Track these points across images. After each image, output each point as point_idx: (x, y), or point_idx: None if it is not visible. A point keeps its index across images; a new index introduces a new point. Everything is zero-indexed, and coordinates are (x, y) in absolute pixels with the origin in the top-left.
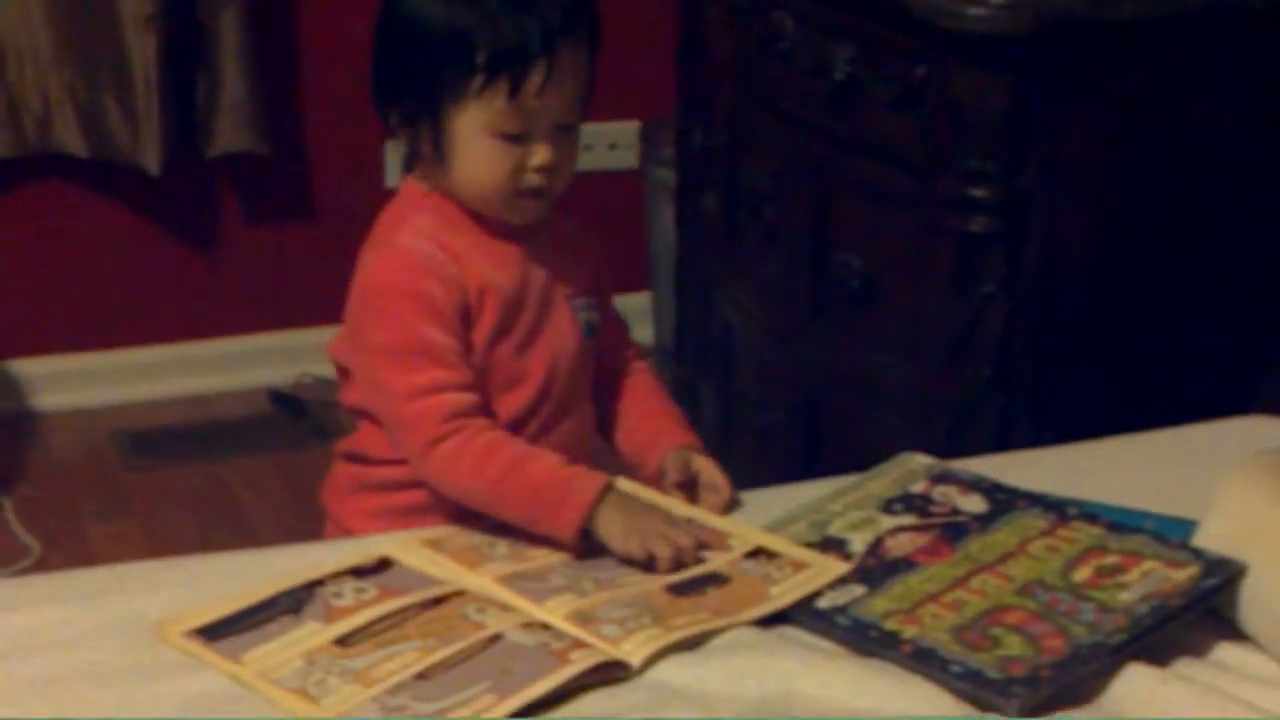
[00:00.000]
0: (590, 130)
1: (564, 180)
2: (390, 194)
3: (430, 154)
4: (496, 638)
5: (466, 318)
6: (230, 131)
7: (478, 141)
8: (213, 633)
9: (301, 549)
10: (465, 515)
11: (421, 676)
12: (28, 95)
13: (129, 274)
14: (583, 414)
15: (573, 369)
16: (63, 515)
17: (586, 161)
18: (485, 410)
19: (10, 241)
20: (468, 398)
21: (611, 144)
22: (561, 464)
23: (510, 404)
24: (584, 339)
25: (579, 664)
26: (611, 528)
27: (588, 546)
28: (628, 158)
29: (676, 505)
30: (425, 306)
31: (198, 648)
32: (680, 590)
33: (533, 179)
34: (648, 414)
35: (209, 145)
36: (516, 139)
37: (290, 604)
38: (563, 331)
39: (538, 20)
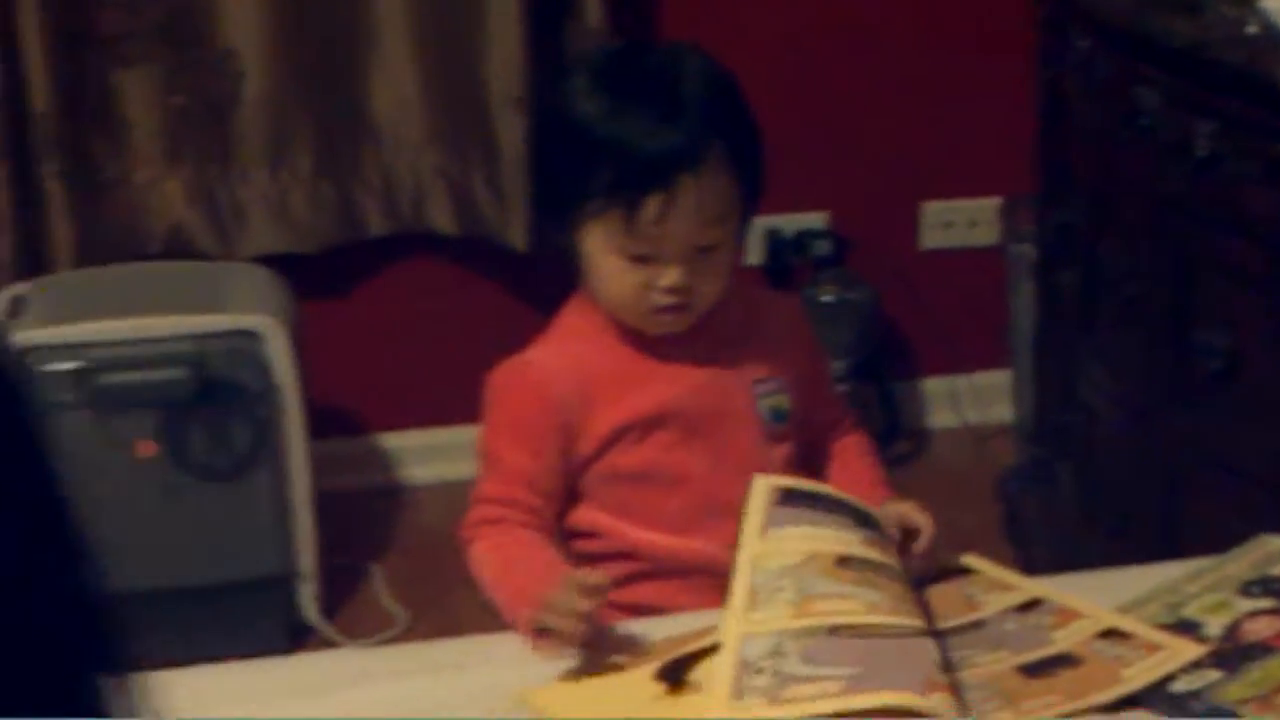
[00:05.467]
0: (951, 207)
1: (709, 297)
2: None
3: (575, 264)
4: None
5: (568, 433)
6: None
7: (605, 259)
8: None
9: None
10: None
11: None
12: (402, 175)
13: (495, 349)
14: None
15: (748, 460)
16: (431, 585)
17: (947, 238)
18: (531, 525)
19: (382, 317)
20: (502, 511)
21: (972, 221)
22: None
23: (672, 501)
24: (766, 425)
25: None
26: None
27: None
28: (989, 234)
29: (1028, 584)
30: (510, 424)
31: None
32: (1032, 671)
33: (664, 299)
34: (851, 480)
35: None
36: (643, 259)
37: None
38: (736, 426)
39: (662, 148)
